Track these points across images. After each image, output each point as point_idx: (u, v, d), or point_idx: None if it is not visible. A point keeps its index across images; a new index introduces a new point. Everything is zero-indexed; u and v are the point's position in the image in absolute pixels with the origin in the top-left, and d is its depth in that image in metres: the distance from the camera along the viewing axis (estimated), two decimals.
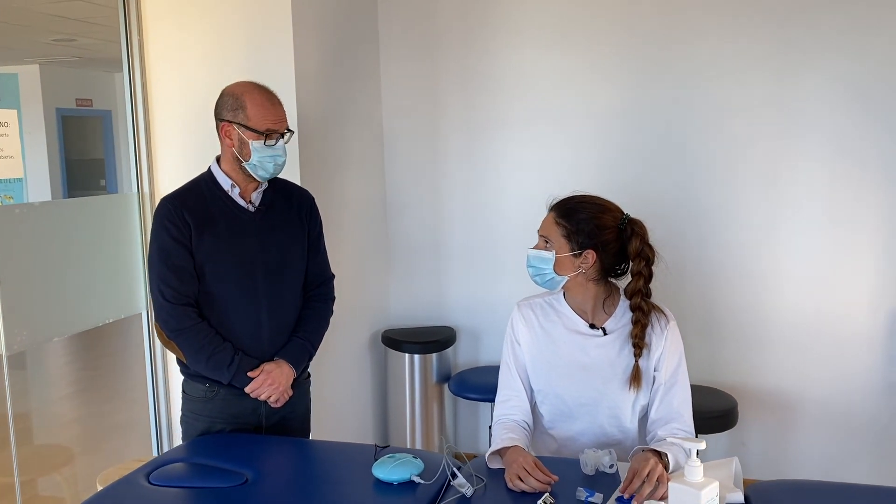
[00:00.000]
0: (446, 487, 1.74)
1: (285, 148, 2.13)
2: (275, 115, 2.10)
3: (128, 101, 3.04)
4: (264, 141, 2.07)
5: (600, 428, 1.99)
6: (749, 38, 3.27)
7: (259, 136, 2.07)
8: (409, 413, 3.67)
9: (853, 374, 3.32)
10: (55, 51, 8.49)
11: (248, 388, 2.12)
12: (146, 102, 3.03)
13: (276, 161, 2.11)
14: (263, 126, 2.08)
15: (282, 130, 2.11)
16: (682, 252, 3.41)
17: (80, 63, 9.54)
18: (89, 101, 10.58)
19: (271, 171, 2.12)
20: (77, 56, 8.94)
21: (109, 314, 2.93)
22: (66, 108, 10.20)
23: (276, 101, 2.13)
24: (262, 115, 2.08)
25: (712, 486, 1.40)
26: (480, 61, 3.63)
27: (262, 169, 2.11)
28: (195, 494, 1.76)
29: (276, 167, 2.12)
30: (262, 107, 2.08)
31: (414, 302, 3.88)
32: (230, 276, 2.12)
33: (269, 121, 2.08)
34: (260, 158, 2.09)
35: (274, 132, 2.09)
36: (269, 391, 2.13)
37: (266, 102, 2.10)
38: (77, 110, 10.42)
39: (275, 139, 2.09)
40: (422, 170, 3.78)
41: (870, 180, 3.22)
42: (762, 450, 3.47)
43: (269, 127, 2.08)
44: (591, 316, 2.00)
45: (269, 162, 2.10)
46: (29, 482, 3.01)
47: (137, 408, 4.47)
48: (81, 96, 10.43)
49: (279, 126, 2.10)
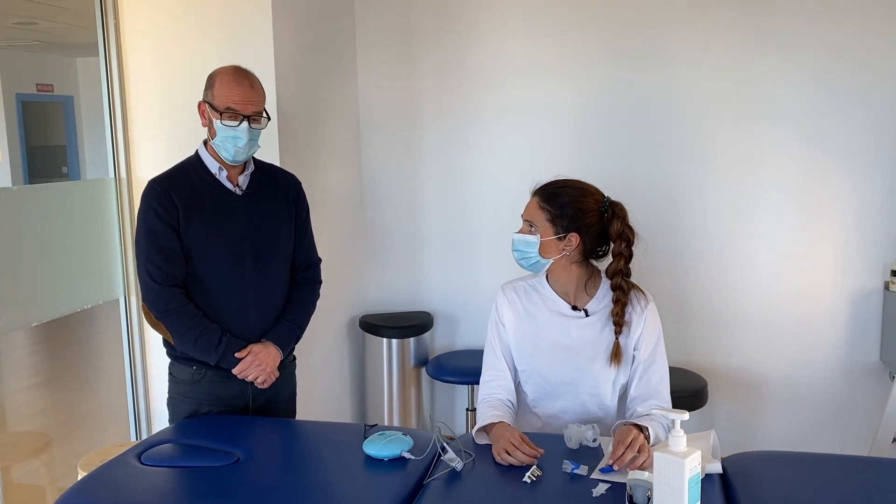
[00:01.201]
0: (436, 462, 1.79)
1: (251, 132, 2.09)
2: (239, 96, 2.07)
3: (104, 86, 3.01)
4: (221, 119, 2.07)
5: (582, 406, 2.05)
6: (721, 26, 3.36)
7: (217, 114, 2.07)
8: (388, 396, 3.71)
9: (818, 354, 3.45)
10: (16, 34, 8.30)
11: (235, 369, 2.14)
12: (122, 86, 3.01)
13: (235, 143, 2.08)
14: (224, 104, 2.07)
15: (245, 112, 2.07)
16: (654, 236, 3.43)
17: (40, 47, 9.33)
18: (50, 87, 10.36)
19: (232, 153, 2.10)
20: (38, 40, 8.74)
21: (87, 300, 2.92)
22: (27, 93, 9.98)
23: (244, 83, 2.09)
24: (224, 93, 2.07)
25: (695, 455, 1.47)
26: (457, 51, 3.66)
27: (224, 149, 2.10)
28: (189, 473, 1.79)
29: (236, 150, 2.09)
30: (227, 86, 2.08)
31: (391, 288, 3.91)
32: (217, 258, 2.13)
33: (231, 100, 2.06)
34: (222, 138, 2.09)
35: (234, 112, 2.06)
36: (256, 372, 2.15)
37: (232, 82, 2.08)
38: (38, 96, 10.20)
39: (236, 120, 2.06)
40: (399, 157, 3.81)
41: (835, 168, 3.34)
42: (731, 427, 3.59)
43: (230, 106, 2.06)
44: (574, 298, 2.06)
45: (230, 143, 2.08)
46: (6, 469, 2.98)
47: (111, 394, 4.45)
48: (42, 81, 10.21)
49: (241, 107, 2.07)
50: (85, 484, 1.75)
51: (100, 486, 1.74)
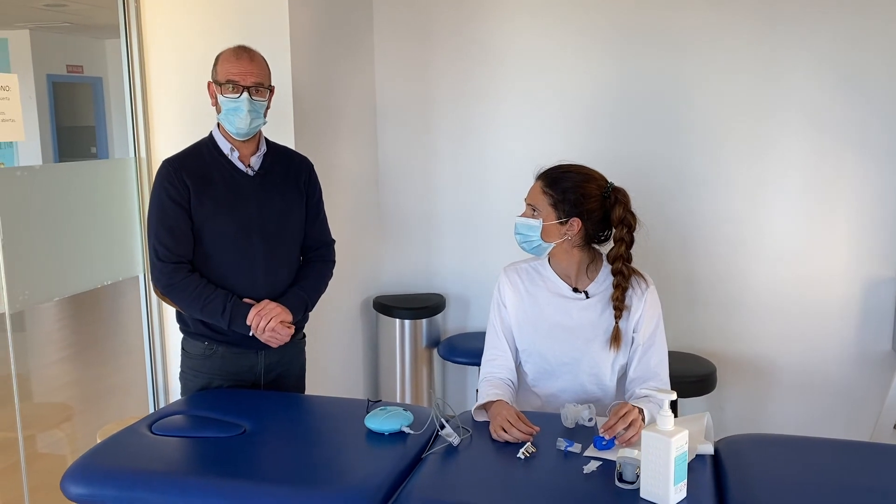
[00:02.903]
0: (434, 437, 1.85)
1: (252, 103, 2.12)
2: (238, 68, 2.12)
3: (124, 67, 3.09)
4: (222, 92, 2.12)
5: (581, 386, 2.09)
6: (736, 13, 3.35)
7: (219, 87, 2.13)
8: (400, 376, 3.78)
9: (828, 341, 3.45)
10: (46, 16, 8.44)
11: (248, 318, 2.14)
12: (143, 68, 3.08)
13: (238, 114, 2.12)
14: (225, 77, 2.12)
15: (244, 83, 2.11)
16: (667, 222, 3.52)
17: (71, 29, 9.48)
18: (80, 68, 10.51)
19: (235, 124, 2.14)
20: (68, 22, 8.88)
21: (107, 276, 3.01)
22: (57, 74, 10.14)
23: (243, 57, 2.14)
24: (226, 68, 2.13)
25: (681, 434, 1.51)
26: (473, 34, 3.69)
27: (228, 122, 2.15)
28: (197, 443, 1.86)
29: (239, 121, 2.12)
30: (228, 60, 2.14)
31: (405, 269, 3.97)
32: (227, 237, 2.19)
33: (230, 73, 2.12)
34: (225, 111, 2.14)
35: (234, 83, 2.11)
36: (269, 315, 2.14)
37: (232, 57, 2.14)
38: (68, 76, 10.35)
39: (237, 92, 2.11)
40: (414, 141, 3.85)
41: (849, 156, 3.32)
42: (740, 413, 3.61)
43: (230, 78, 2.12)
44: (575, 280, 2.09)
45: (232, 115, 2.13)
46: (30, 438, 3.10)
47: (132, 369, 4.57)
48: (72, 62, 10.36)
49: (241, 78, 2.11)
50: (98, 450, 1.83)
51: (112, 452, 1.82)
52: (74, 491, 1.71)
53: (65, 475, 1.74)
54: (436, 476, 1.69)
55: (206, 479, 1.70)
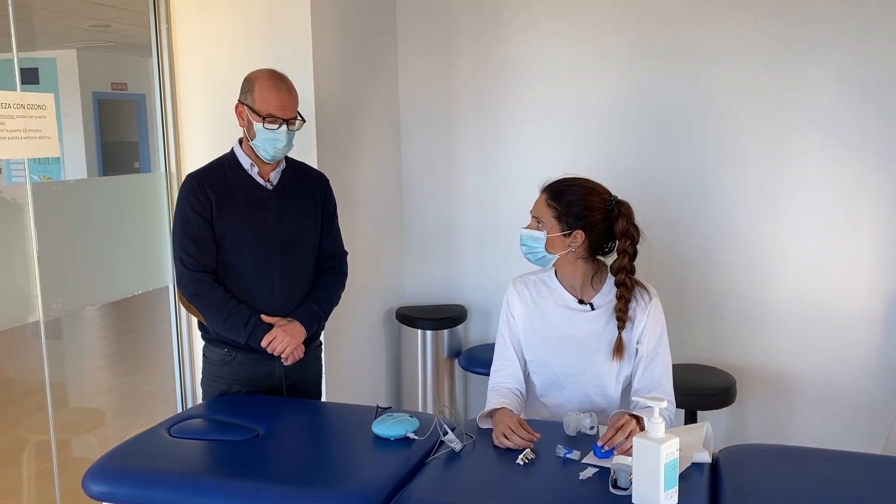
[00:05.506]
0: (439, 444, 1.90)
1: (289, 134, 2.26)
2: (278, 102, 2.23)
3: (156, 85, 3.23)
4: (263, 123, 2.23)
5: (586, 396, 2.13)
6: (754, 27, 3.36)
7: (260, 118, 2.23)
8: (422, 386, 3.84)
9: (851, 355, 3.41)
10: (91, 36, 8.75)
11: (263, 340, 2.26)
12: (174, 86, 3.22)
13: (275, 145, 2.25)
14: (266, 110, 2.23)
15: (285, 117, 2.24)
16: (686, 234, 3.52)
17: (115, 48, 9.79)
18: (124, 85, 10.83)
19: (271, 153, 2.27)
20: (112, 41, 9.19)
21: (138, 286, 3.13)
22: (102, 91, 10.46)
23: (283, 89, 2.26)
24: (266, 99, 2.23)
25: (672, 441, 1.54)
26: (494, 50, 3.75)
27: (264, 150, 2.27)
28: (211, 445, 1.95)
29: (275, 150, 2.26)
30: (268, 92, 2.24)
31: (427, 281, 4.03)
32: (246, 247, 2.29)
33: (272, 106, 2.23)
34: (262, 140, 2.25)
35: (275, 117, 2.23)
36: (283, 344, 2.26)
37: (272, 88, 2.24)
38: (112, 94, 10.66)
39: (277, 124, 2.23)
40: (436, 154, 3.93)
41: (870, 166, 3.30)
42: (761, 426, 3.58)
43: (271, 112, 2.22)
44: (580, 292, 2.13)
45: (270, 145, 2.25)
46: (65, 443, 3.21)
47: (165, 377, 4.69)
48: (117, 80, 10.68)
49: (282, 112, 2.23)
50: (118, 451, 1.92)
51: (131, 453, 1.92)
52: (95, 489, 1.81)
53: (86, 474, 1.83)
54: (436, 480, 1.74)
55: (219, 480, 1.78)
